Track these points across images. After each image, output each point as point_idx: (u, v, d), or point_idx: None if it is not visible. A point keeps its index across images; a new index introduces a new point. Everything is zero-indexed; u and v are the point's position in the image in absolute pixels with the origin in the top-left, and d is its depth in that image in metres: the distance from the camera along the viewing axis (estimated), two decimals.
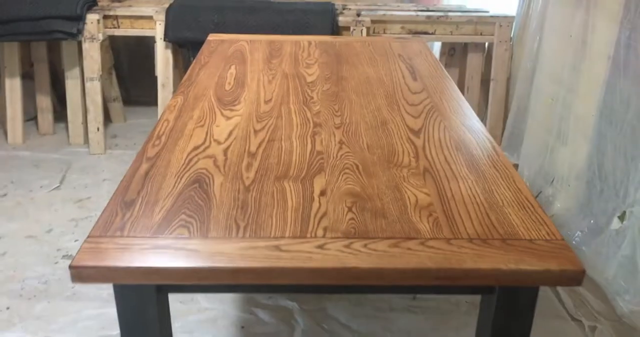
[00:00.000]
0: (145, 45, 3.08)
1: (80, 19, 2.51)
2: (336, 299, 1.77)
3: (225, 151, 1.14)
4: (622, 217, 1.77)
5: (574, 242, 1.98)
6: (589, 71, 1.99)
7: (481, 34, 2.66)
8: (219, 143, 1.18)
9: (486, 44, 2.73)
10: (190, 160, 1.10)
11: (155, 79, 2.69)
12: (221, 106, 1.36)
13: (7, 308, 1.70)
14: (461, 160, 1.12)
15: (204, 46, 1.83)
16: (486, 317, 0.90)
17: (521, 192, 1.01)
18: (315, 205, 0.96)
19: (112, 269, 0.81)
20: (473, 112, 1.36)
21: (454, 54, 2.81)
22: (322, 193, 1.00)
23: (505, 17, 2.63)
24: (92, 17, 2.54)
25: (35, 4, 2.49)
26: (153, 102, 2.97)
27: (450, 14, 2.65)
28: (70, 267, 0.81)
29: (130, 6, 2.69)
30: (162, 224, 0.90)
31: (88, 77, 2.60)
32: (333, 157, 1.13)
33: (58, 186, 2.37)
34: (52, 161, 2.58)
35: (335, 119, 1.30)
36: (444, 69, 1.70)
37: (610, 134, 1.84)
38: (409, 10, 2.71)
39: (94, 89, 2.61)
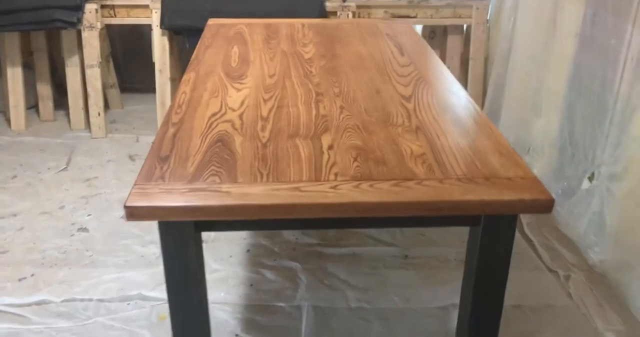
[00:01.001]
0: (139, 34, 3.20)
1: (79, 8, 2.63)
2: (335, 260, 1.93)
3: (240, 116, 1.29)
4: (591, 178, 1.95)
5: None
6: (559, 48, 2.17)
7: (460, 17, 2.83)
8: (233, 110, 1.33)
9: (464, 26, 2.90)
10: (211, 124, 1.25)
11: (149, 66, 2.82)
12: (230, 80, 1.51)
13: (32, 275, 1.84)
14: (447, 119, 1.29)
15: (206, 29, 1.98)
16: (474, 245, 1.07)
17: (500, 142, 1.18)
18: (325, 156, 1.12)
19: (158, 208, 0.96)
20: (455, 80, 1.53)
21: (434, 37, 2.98)
22: (330, 147, 1.15)
23: (482, 0, 2.81)
24: (90, 7, 2.66)
25: None
26: (148, 89, 3.11)
27: None
28: (125, 207, 0.96)
29: None
30: (196, 173, 1.05)
31: (88, 65, 2.72)
32: (336, 119, 1.28)
33: (65, 168, 2.50)
34: (56, 145, 2.70)
35: (334, 89, 1.46)
36: (427, 45, 1.86)
37: (579, 103, 2.02)
38: None
39: (94, 75, 2.74)
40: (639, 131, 1.70)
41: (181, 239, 1.02)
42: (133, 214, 0.96)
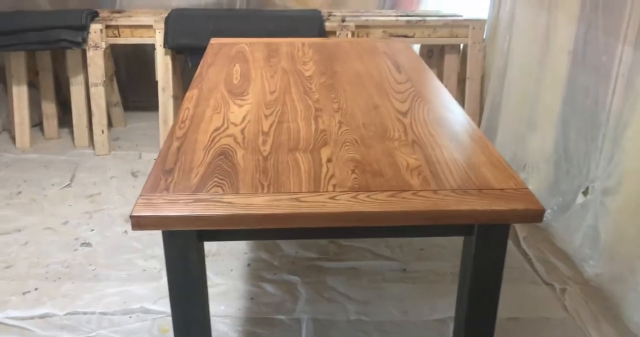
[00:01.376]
0: (141, 54, 3.26)
1: (84, 28, 2.69)
2: (334, 273, 1.96)
3: (242, 131, 1.34)
4: (585, 192, 1.99)
5: (545, 219, 2.20)
6: (553, 65, 2.22)
7: (456, 37, 2.89)
8: (235, 125, 1.37)
9: (461, 46, 2.96)
10: (214, 138, 1.29)
11: (151, 85, 2.87)
12: (232, 97, 1.56)
13: (36, 289, 1.86)
14: (443, 134, 1.33)
15: (208, 48, 2.03)
16: (468, 254, 1.10)
17: (493, 156, 1.22)
18: (324, 169, 1.16)
19: (163, 218, 1.00)
20: (451, 96, 1.58)
21: (432, 56, 3.04)
22: (329, 160, 1.19)
23: (478, 20, 2.87)
24: (95, 27, 2.72)
25: (42, 15, 2.67)
26: (150, 107, 3.17)
27: (427, 18, 2.88)
28: (131, 216, 1.00)
29: (130, 16, 2.88)
30: (199, 185, 1.09)
31: (92, 83, 2.78)
32: (335, 134, 1.33)
33: (69, 184, 2.54)
34: (60, 162, 2.74)
35: (333, 105, 1.51)
36: (424, 63, 1.91)
37: (573, 119, 2.07)
38: (389, 16, 2.93)
39: (98, 93, 2.79)
40: (632, 145, 1.74)
41: (184, 249, 1.05)
42: (139, 223, 1.00)
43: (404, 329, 1.72)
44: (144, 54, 3.27)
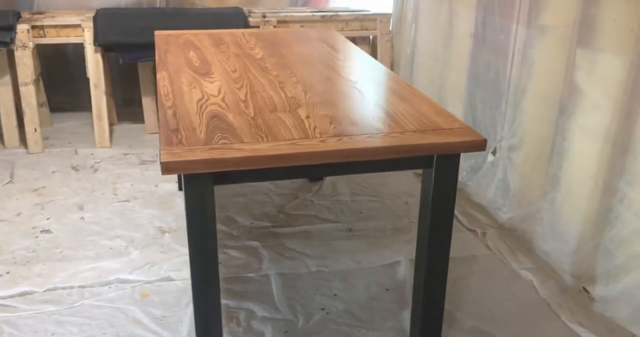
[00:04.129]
0: (61, 55, 3.31)
1: (12, 28, 2.73)
2: (289, 237, 2.18)
3: (223, 100, 1.54)
4: (494, 152, 2.35)
5: (460, 180, 2.55)
6: (457, 48, 2.58)
7: (366, 29, 3.21)
8: (214, 96, 1.57)
9: (370, 37, 3.28)
10: (201, 106, 1.49)
11: (74, 85, 2.96)
12: (200, 76, 1.74)
13: (7, 272, 1.93)
14: (392, 95, 1.60)
15: (157, 39, 2.19)
16: (428, 184, 1.37)
17: (436, 107, 1.50)
18: (306, 123, 1.39)
19: (189, 162, 1.19)
20: (387, 68, 1.86)
21: None
22: (307, 117, 1.43)
23: (384, 14, 3.21)
24: (22, 27, 2.77)
25: None
26: (73, 107, 3.24)
27: (340, 13, 3.18)
28: (161, 163, 1.18)
29: (54, 17, 2.94)
30: (207, 138, 1.29)
31: (22, 82, 2.81)
32: (303, 99, 1.56)
33: (10, 180, 2.57)
34: None
35: (292, 79, 1.74)
36: (354, 44, 2.19)
37: (478, 92, 2.43)
38: (305, 12, 3.20)
39: (29, 92, 2.83)
40: (529, 106, 2.11)
41: (203, 190, 1.24)
42: (168, 168, 1.18)
43: (359, 274, 1.98)
44: (65, 55, 3.32)
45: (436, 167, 1.35)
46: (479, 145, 1.32)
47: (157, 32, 2.29)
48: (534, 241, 2.11)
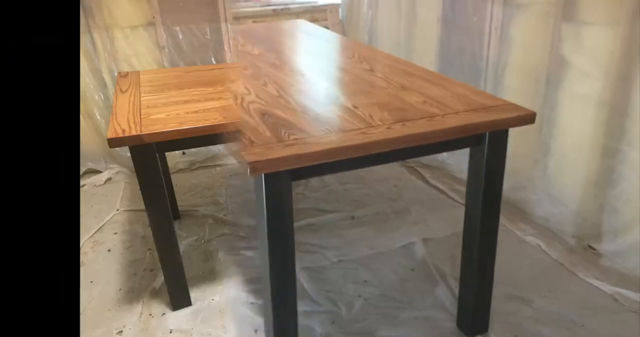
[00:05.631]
0: None
1: None
2: (297, 232, 2.17)
3: (258, 97, 1.51)
4: None
5: (441, 159, 2.64)
6: (423, 33, 2.66)
7: (317, 20, 3.23)
8: (247, 94, 1.54)
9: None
10: (243, 107, 1.45)
11: None
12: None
13: None
14: (416, 80, 1.64)
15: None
16: (479, 160, 1.43)
17: (470, 88, 1.56)
18: (359, 112, 1.40)
19: (273, 160, 1.16)
20: (390, 54, 1.89)
21: None
22: (355, 106, 1.44)
23: (333, 4, 3.24)
24: None
25: None
26: None
27: (290, 6, 3.17)
28: (248, 163, 1.15)
29: None
30: (275, 136, 1.26)
31: None
32: (336, 90, 1.56)
33: None
34: None
35: (308, 72, 1.73)
36: (341, 35, 2.21)
37: (452, 75, 2.53)
38: (255, 7, 3.17)
39: None
40: (510, 81, 2.23)
41: (282, 187, 1.22)
42: (255, 168, 1.15)
43: (380, 259, 2.01)
44: None
45: (489, 144, 1.40)
46: (530, 118, 1.39)
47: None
48: (530, 208, 2.23)
